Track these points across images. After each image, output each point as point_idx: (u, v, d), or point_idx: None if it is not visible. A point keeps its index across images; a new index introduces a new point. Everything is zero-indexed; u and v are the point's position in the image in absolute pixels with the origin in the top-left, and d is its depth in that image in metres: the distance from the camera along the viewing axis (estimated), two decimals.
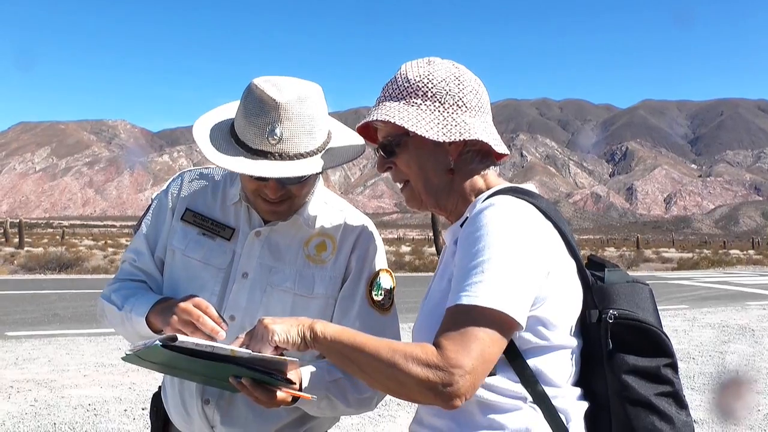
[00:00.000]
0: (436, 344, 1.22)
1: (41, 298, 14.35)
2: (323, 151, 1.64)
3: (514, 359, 1.32)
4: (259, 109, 1.56)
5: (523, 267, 1.27)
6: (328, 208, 1.81)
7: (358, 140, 1.73)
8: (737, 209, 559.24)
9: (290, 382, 1.44)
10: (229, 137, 1.64)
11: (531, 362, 1.33)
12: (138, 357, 1.40)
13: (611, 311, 1.37)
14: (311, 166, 1.58)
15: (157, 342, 1.29)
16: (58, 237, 61.87)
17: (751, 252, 56.49)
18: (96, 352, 8.19)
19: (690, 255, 45.55)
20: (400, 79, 1.48)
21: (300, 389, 1.52)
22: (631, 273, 2.36)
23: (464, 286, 1.25)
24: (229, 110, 1.72)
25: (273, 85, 1.58)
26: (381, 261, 1.81)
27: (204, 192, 1.83)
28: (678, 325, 11.22)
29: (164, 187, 1.89)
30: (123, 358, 1.44)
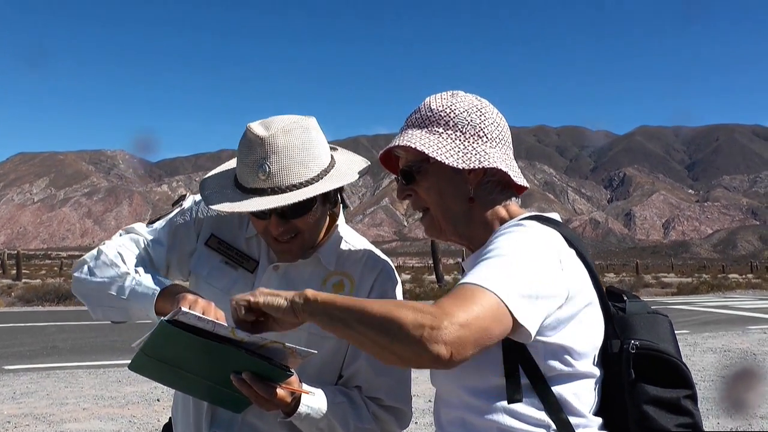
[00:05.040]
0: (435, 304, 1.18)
1: (39, 331, 14.23)
2: (322, 180, 1.63)
3: (539, 386, 1.32)
4: (248, 148, 1.59)
5: (536, 270, 1.27)
6: (348, 247, 1.80)
7: (361, 164, 1.74)
8: (735, 233, 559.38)
9: (290, 372, 1.45)
10: (231, 183, 1.67)
11: (556, 390, 1.33)
12: (144, 354, 1.42)
13: (633, 341, 1.38)
14: (303, 194, 1.57)
15: (163, 319, 1.33)
16: (56, 268, 61.62)
17: (750, 276, 56.44)
18: (95, 385, 8.11)
19: (689, 280, 45.37)
20: (423, 108, 1.52)
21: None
22: None
23: (469, 274, 1.26)
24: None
25: (260, 124, 1.62)
26: None
27: (230, 220, 1.82)
28: None
29: (192, 202, 1.85)
30: (129, 367, 1.48)
